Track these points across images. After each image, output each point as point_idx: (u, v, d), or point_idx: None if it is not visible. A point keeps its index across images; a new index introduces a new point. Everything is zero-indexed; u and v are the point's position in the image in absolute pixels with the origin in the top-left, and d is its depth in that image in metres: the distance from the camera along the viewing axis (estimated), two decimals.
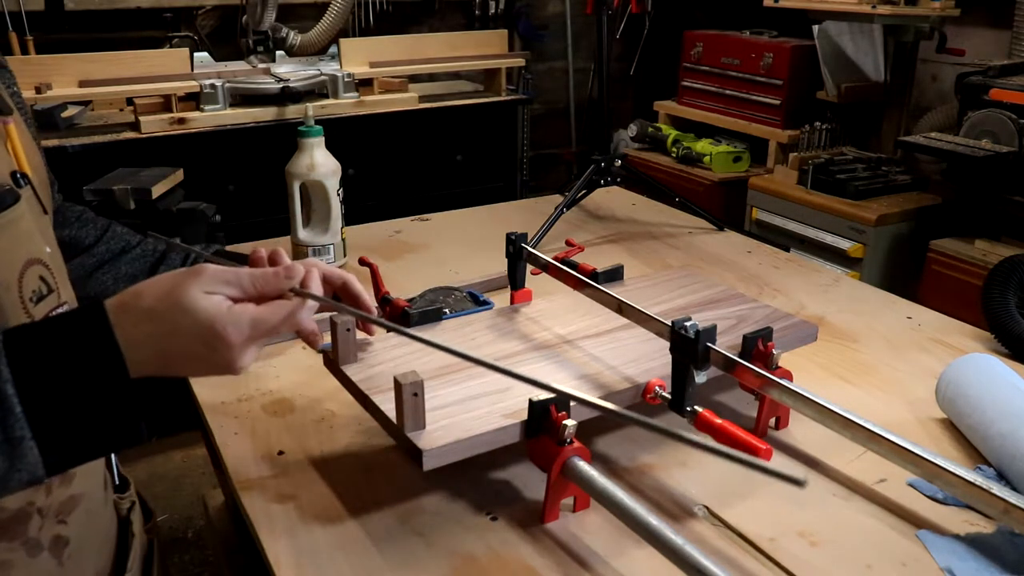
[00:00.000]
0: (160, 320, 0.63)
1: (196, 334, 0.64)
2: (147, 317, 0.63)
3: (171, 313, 0.63)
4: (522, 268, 1.21)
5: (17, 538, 0.70)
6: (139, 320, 0.63)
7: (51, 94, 2.52)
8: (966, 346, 1.29)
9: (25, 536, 0.70)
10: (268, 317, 0.66)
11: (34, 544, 0.71)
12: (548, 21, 3.95)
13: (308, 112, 1.62)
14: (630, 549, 0.84)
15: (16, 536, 0.70)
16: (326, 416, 1.08)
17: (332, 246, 1.55)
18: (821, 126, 2.95)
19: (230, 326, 0.64)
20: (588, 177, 1.89)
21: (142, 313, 0.63)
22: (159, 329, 0.63)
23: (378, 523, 0.88)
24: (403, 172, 3.03)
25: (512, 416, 0.88)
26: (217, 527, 1.73)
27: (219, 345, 0.64)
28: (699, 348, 0.88)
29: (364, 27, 3.37)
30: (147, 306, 0.64)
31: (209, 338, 0.64)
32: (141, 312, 0.63)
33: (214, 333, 0.64)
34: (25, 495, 0.70)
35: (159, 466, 2.70)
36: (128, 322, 0.62)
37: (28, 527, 0.70)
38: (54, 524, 0.73)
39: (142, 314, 0.63)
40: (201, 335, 0.64)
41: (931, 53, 2.85)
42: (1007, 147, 2.31)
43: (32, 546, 0.71)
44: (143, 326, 0.63)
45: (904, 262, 2.61)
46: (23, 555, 0.70)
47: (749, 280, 1.54)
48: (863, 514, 0.90)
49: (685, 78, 3.50)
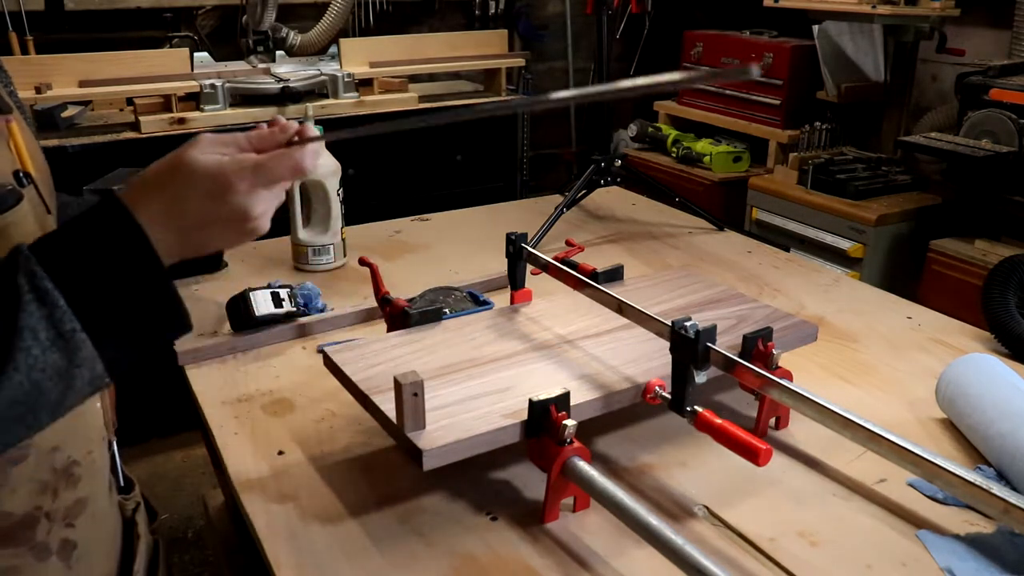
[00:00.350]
0: (167, 190, 0.63)
1: (204, 190, 0.63)
2: (156, 192, 0.63)
3: (176, 179, 0.63)
4: (522, 268, 1.21)
5: (24, 543, 0.69)
6: (149, 198, 0.63)
7: (51, 94, 2.52)
8: (966, 346, 1.29)
9: (33, 541, 0.70)
10: (271, 162, 0.66)
11: (42, 548, 0.71)
12: (548, 21, 3.95)
13: (308, 112, 1.62)
14: (630, 549, 0.84)
15: (23, 541, 0.69)
16: (326, 416, 1.08)
17: (332, 246, 1.55)
18: (821, 126, 2.94)
19: (232, 173, 0.64)
20: (588, 177, 1.89)
21: (150, 190, 0.63)
22: (169, 199, 0.63)
23: (378, 523, 0.88)
24: (403, 172, 3.03)
25: (512, 416, 0.88)
26: (217, 527, 1.73)
27: (228, 196, 0.64)
28: (699, 348, 0.88)
29: (364, 27, 3.37)
30: (153, 183, 0.64)
31: (216, 190, 0.63)
32: (149, 189, 0.63)
33: (219, 183, 0.63)
34: (31, 500, 0.69)
35: (159, 466, 2.70)
36: (140, 204, 0.62)
37: (36, 532, 0.70)
38: (62, 528, 0.73)
39: (150, 191, 0.63)
40: (208, 190, 0.63)
41: (931, 53, 2.85)
42: (1007, 147, 2.31)
43: (40, 551, 0.71)
44: (154, 203, 0.63)
45: (904, 262, 2.61)
46: (31, 560, 0.70)
47: (749, 280, 1.54)
48: (863, 514, 0.90)
49: None
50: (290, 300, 1.29)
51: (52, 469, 0.72)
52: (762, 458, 0.82)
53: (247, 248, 1.66)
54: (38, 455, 0.70)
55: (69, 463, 0.73)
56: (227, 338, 1.26)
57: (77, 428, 0.75)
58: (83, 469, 0.75)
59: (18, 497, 0.69)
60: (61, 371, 0.57)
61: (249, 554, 1.37)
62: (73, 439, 0.74)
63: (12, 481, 0.68)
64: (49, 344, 0.57)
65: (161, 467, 2.70)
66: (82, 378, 0.59)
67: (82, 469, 0.75)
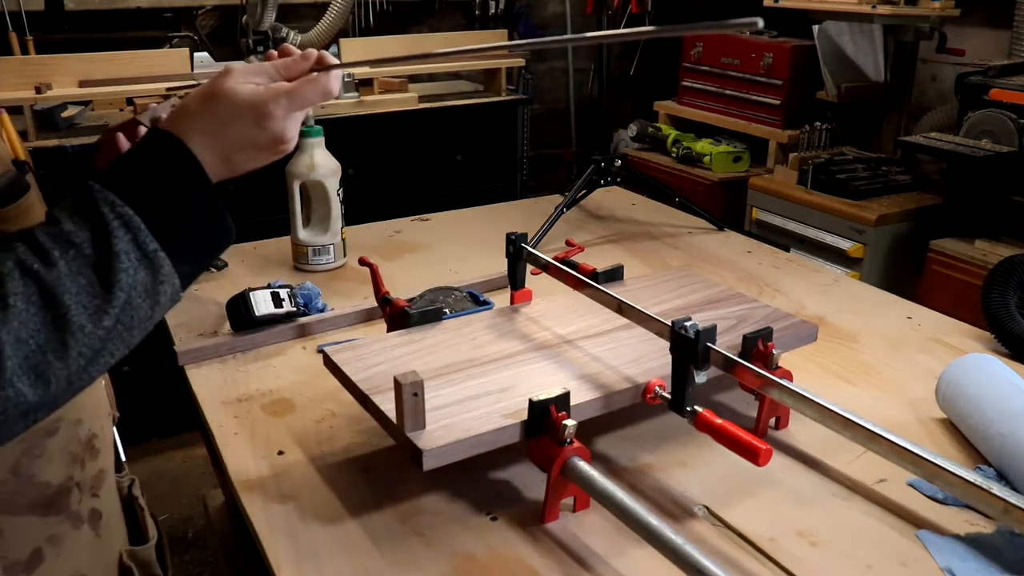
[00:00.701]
0: (211, 118, 0.68)
1: (246, 118, 0.69)
2: (199, 120, 0.68)
3: (219, 108, 0.68)
4: (522, 268, 1.21)
5: (63, 511, 0.74)
6: (192, 127, 0.68)
7: (51, 94, 2.52)
8: (966, 346, 1.29)
9: (69, 510, 0.75)
10: (302, 88, 0.71)
11: (76, 517, 0.75)
12: (548, 21, 3.95)
13: (308, 112, 1.62)
14: (630, 549, 0.84)
15: (62, 510, 0.74)
16: (326, 416, 1.08)
17: (332, 246, 1.55)
18: (821, 126, 2.94)
19: (271, 102, 0.69)
20: (588, 177, 1.89)
21: (193, 119, 0.68)
22: (212, 126, 0.68)
23: (378, 523, 0.89)
24: (403, 172, 3.03)
25: (512, 416, 0.88)
26: (217, 527, 1.73)
27: (267, 122, 0.69)
28: (699, 348, 0.88)
29: (364, 27, 3.37)
30: (195, 111, 0.69)
31: (257, 117, 0.69)
32: (192, 118, 0.68)
33: (260, 111, 0.69)
34: (65, 470, 0.74)
35: (159, 466, 2.70)
36: (186, 132, 0.67)
37: (70, 500, 0.75)
38: (90, 498, 0.77)
39: (193, 120, 0.68)
40: (250, 116, 0.69)
41: (931, 53, 2.85)
42: (1007, 147, 2.31)
43: (75, 519, 0.75)
44: (197, 131, 0.68)
45: (904, 262, 2.61)
46: (69, 528, 0.75)
47: (749, 280, 1.54)
48: (863, 514, 0.90)
49: (685, 78, 3.50)
50: (290, 300, 1.29)
51: (78, 441, 0.76)
52: (762, 458, 0.82)
53: (247, 248, 1.67)
54: (67, 427, 0.74)
55: (90, 436, 0.78)
56: (227, 338, 1.26)
57: (94, 403, 0.80)
58: (100, 442, 0.79)
59: (54, 467, 0.73)
60: (149, 288, 0.63)
61: (249, 554, 1.37)
62: (92, 413, 0.78)
63: (48, 452, 0.72)
64: (138, 264, 0.62)
65: (161, 467, 2.70)
66: (164, 294, 0.65)
67: (100, 442, 0.79)
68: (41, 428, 0.71)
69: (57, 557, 0.73)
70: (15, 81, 2.50)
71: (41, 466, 0.72)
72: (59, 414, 0.72)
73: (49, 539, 0.72)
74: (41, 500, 0.72)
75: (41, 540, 0.72)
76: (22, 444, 0.70)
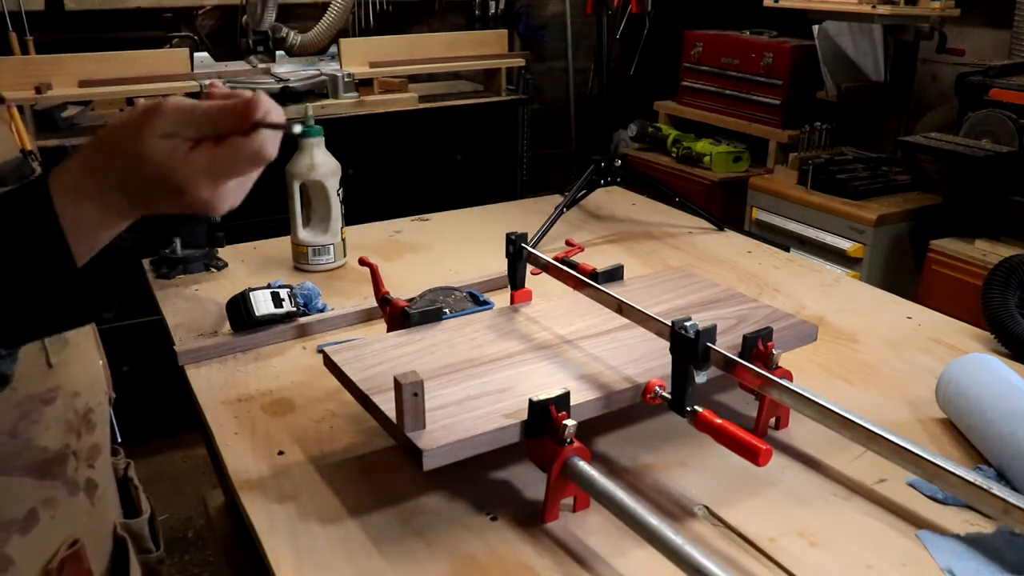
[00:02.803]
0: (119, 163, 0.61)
1: (160, 186, 0.61)
2: (109, 160, 0.61)
3: (131, 161, 0.61)
4: (522, 268, 1.21)
5: (59, 477, 0.75)
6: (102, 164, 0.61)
7: (51, 94, 2.52)
8: (966, 346, 1.29)
9: (65, 476, 0.76)
10: (224, 158, 0.62)
11: (72, 484, 0.77)
12: (548, 21, 3.95)
13: (308, 112, 1.62)
14: (630, 549, 0.84)
15: (58, 475, 0.75)
16: (326, 416, 1.08)
17: (332, 246, 1.55)
18: (821, 126, 2.94)
19: (189, 179, 0.61)
20: (588, 177, 1.89)
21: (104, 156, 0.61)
22: (122, 175, 0.61)
23: (378, 523, 0.89)
24: (403, 172, 3.03)
25: (512, 416, 0.88)
26: (217, 527, 1.73)
27: (186, 199, 0.62)
28: (699, 348, 0.88)
29: (364, 27, 3.37)
30: (108, 152, 0.61)
31: (173, 189, 0.61)
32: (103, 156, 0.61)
33: (177, 187, 0.61)
34: (61, 437, 0.75)
35: (159, 466, 2.70)
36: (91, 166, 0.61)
37: (67, 467, 0.76)
38: (86, 468, 0.79)
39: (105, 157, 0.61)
40: (165, 187, 0.61)
41: (931, 53, 2.85)
42: (1007, 147, 2.31)
43: (72, 485, 0.77)
44: (108, 169, 0.61)
45: (904, 262, 2.61)
46: (64, 493, 0.76)
47: (749, 280, 1.54)
48: (863, 514, 0.90)
49: (685, 78, 3.50)
50: (290, 300, 1.29)
51: (75, 411, 0.77)
52: (762, 458, 0.82)
53: (247, 248, 1.67)
54: (64, 397, 0.76)
55: (87, 409, 0.79)
56: (227, 338, 1.26)
57: (91, 379, 0.81)
58: (96, 417, 0.80)
59: (51, 434, 0.74)
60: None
61: (249, 554, 1.37)
62: (89, 388, 0.80)
63: (45, 419, 0.74)
64: None
65: (161, 467, 2.70)
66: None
67: (96, 417, 0.80)
68: (38, 396, 0.73)
69: (52, 519, 0.74)
70: (15, 81, 2.49)
71: (38, 431, 0.73)
72: (56, 383, 0.74)
73: (44, 502, 0.73)
74: (37, 464, 0.73)
75: (36, 502, 0.73)
76: (19, 409, 0.71)
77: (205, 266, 1.53)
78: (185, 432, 2.68)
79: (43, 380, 0.73)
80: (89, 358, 0.81)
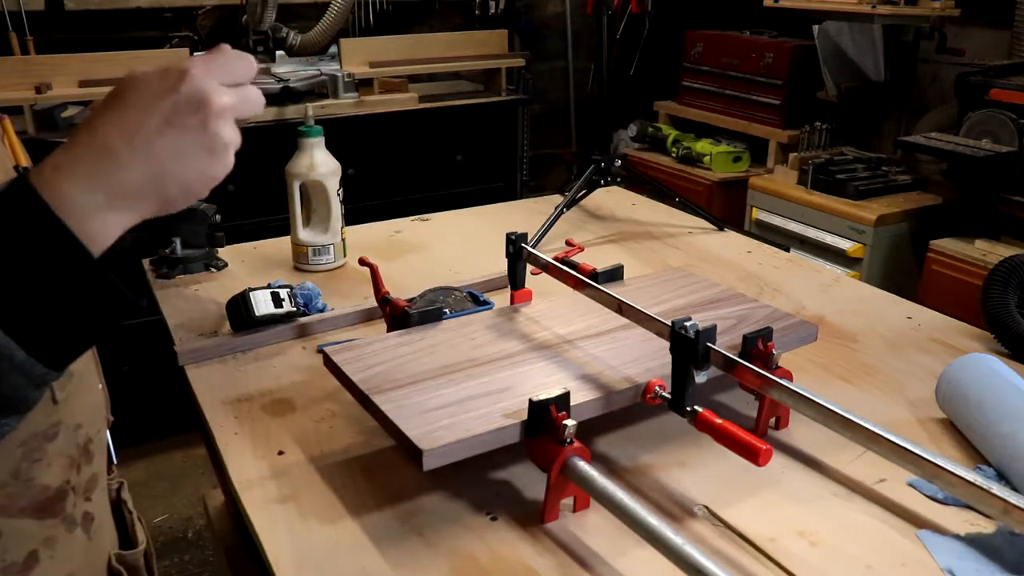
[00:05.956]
0: (120, 104, 0.60)
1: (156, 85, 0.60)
2: (107, 112, 0.60)
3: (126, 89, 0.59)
4: (522, 268, 1.21)
5: (59, 515, 0.74)
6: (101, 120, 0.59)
7: (51, 94, 2.52)
8: (966, 346, 1.29)
9: (64, 513, 0.74)
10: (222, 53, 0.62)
11: (70, 520, 0.75)
12: (548, 21, 3.95)
13: (308, 112, 1.62)
14: (630, 549, 0.84)
15: (58, 513, 0.74)
16: (326, 416, 1.08)
17: (332, 246, 1.55)
18: (821, 126, 2.95)
19: (184, 61, 0.60)
20: (588, 177, 1.89)
21: (101, 114, 0.60)
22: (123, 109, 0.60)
23: (378, 523, 0.88)
24: (403, 172, 3.03)
25: (512, 416, 0.88)
26: (217, 527, 1.73)
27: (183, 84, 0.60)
28: (699, 348, 0.88)
29: (364, 27, 3.37)
30: (101, 109, 0.60)
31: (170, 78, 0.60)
32: (101, 114, 0.60)
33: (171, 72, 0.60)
34: (63, 474, 0.73)
35: (159, 466, 2.70)
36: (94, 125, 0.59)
37: (66, 504, 0.74)
38: (83, 501, 0.77)
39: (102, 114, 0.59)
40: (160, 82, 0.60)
41: (931, 53, 2.85)
42: (1007, 147, 2.31)
43: (69, 522, 0.75)
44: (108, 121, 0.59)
45: (904, 262, 2.61)
46: (63, 531, 0.74)
47: (749, 280, 1.54)
48: (863, 514, 0.90)
49: (685, 78, 3.50)
50: (290, 300, 1.29)
51: (76, 445, 0.75)
52: (762, 458, 0.82)
53: (247, 248, 1.67)
54: (66, 432, 0.74)
55: (87, 440, 0.77)
56: (227, 338, 1.26)
57: (92, 408, 0.79)
58: (95, 446, 0.79)
59: (53, 471, 0.72)
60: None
61: (249, 554, 1.37)
62: (90, 418, 0.78)
63: (48, 456, 0.72)
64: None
65: (161, 467, 2.70)
66: (13, 384, 0.55)
67: (95, 446, 0.79)
68: (41, 432, 0.71)
69: (51, 559, 0.73)
70: (15, 81, 2.50)
71: (40, 470, 0.71)
72: (59, 418, 0.72)
73: (45, 541, 0.72)
74: (38, 503, 0.72)
75: (37, 543, 0.72)
76: (23, 448, 0.70)
77: (205, 266, 1.53)
78: (185, 432, 2.68)
79: (47, 416, 0.71)
80: (90, 386, 0.80)
